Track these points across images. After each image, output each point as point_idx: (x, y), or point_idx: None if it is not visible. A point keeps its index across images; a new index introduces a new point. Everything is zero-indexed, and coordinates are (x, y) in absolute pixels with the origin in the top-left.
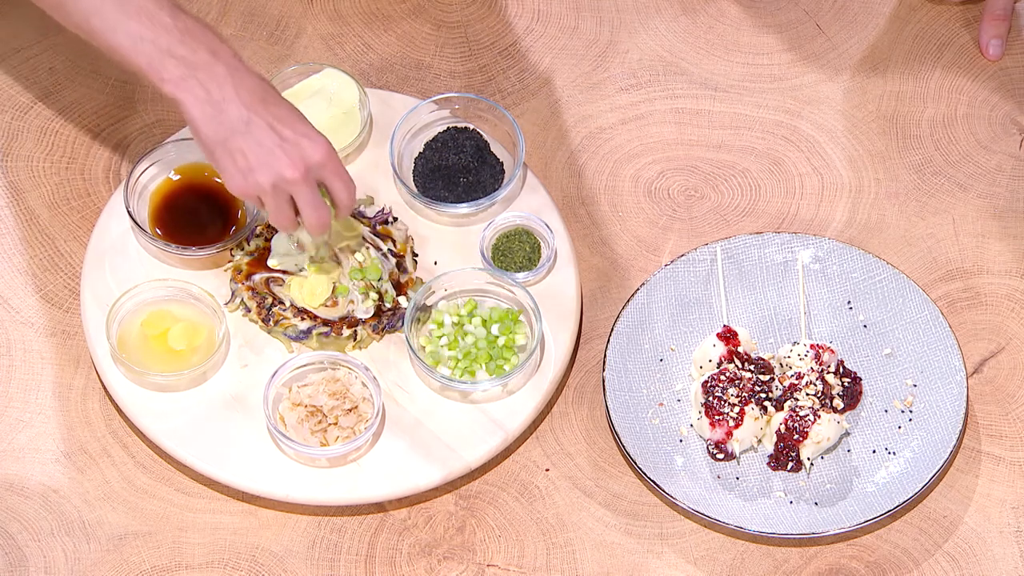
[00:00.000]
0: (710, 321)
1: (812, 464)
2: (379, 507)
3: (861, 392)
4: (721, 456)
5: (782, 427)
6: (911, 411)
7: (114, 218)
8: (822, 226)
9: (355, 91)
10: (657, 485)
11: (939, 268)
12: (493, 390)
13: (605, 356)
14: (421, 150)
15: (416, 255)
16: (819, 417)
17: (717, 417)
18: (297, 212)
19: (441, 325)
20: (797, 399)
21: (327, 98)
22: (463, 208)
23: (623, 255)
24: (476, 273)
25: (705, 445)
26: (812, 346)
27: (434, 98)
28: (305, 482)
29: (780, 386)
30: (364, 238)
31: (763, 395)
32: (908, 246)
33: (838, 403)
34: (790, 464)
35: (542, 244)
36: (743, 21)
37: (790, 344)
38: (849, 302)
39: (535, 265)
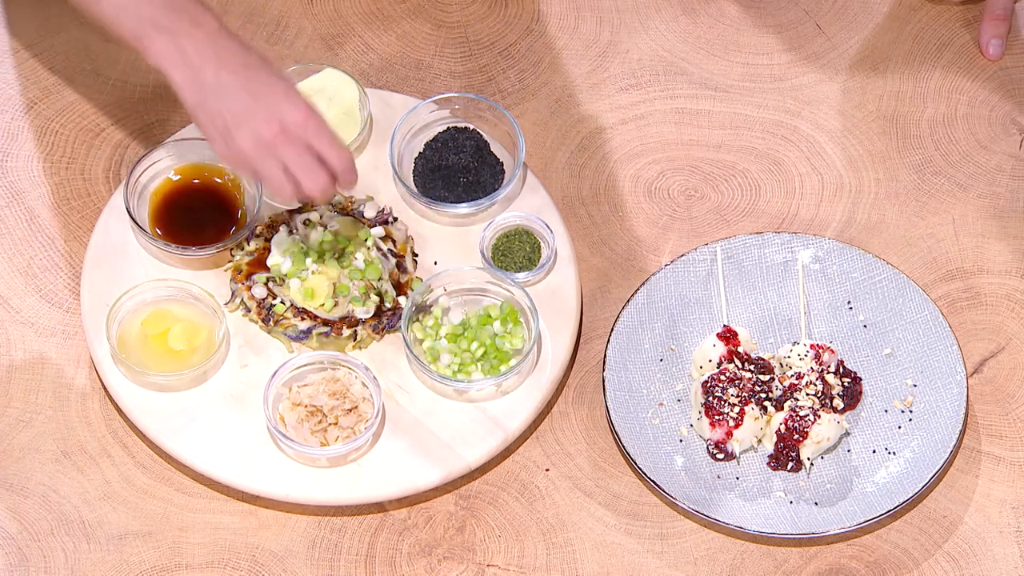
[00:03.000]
0: (710, 321)
1: (812, 464)
2: (379, 507)
3: (861, 392)
4: (721, 456)
5: (782, 427)
6: (911, 411)
7: (114, 218)
8: (822, 226)
9: (355, 91)
10: (657, 485)
11: (939, 268)
12: (488, 389)
13: (605, 356)
14: (421, 150)
15: (416, 255)
16: (819, 417)
17: (717, 417)
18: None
19: (438, 321)
20: (797, 399)
21: (327, 98)
22: (463, 208)
23: (623, 255)
24: (475, 273)
25: (705, 445)
26: (812, 346)
27: (434, 98)
28: (305, 482)
29: (780, 386)
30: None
31: (763, 395)
32: (908, 246)
33: (838, 403)
34: (790, 464)
35: (542, 244)
36: (743, 21)
37: (790, 344)
38: (849, 302)
39: (535, 265)
